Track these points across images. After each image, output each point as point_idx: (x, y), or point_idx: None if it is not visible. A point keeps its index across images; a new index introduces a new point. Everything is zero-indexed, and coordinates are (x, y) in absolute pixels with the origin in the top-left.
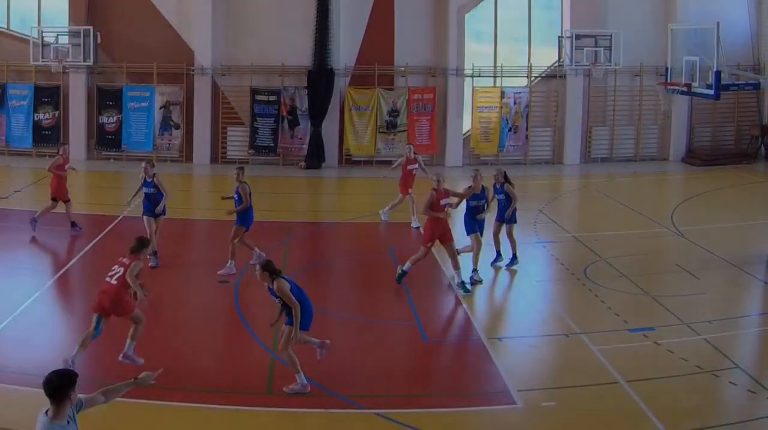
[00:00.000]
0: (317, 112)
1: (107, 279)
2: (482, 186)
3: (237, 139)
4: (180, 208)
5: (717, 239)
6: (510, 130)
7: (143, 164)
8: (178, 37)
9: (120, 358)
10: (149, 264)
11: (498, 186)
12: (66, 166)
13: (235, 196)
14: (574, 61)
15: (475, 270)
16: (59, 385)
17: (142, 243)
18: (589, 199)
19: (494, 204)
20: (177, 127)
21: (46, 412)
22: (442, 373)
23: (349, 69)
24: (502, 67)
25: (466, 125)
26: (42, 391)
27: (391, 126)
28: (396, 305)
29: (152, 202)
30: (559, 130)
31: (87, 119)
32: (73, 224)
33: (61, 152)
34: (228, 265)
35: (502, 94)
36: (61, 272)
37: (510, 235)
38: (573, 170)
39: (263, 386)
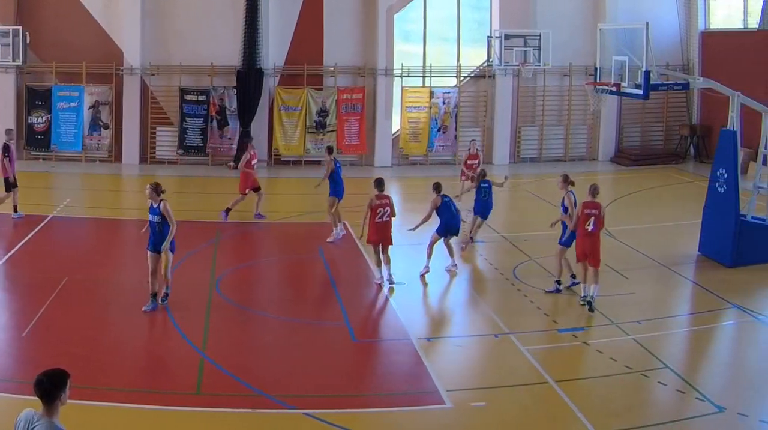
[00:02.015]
0: (246, 112)
1: (378, 220)
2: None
3: (166, 139)
4: (109, 208)
5: (646, 239)
6: (439, 130)
7: (147, 187)
8: (107, 37)
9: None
10: (143, 308)
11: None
12: (253, 161)
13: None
14: (503, 61)
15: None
16: (50, 387)
17: (380, 181)
18: (518, 200)
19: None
20: (106, 127)
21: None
22: (371, 373)
23: (278, 69)
24: (431, 67)
25: (395, 125)
26: None
27: (320, 126)
28: (325, 305)
29: (156, 233)
30: (488, 130)
31: (16, 119)
32: (260, 215)
33: (248, 149)
34: (334, 232)
35: (431, 95)
36: None
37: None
38: (502, 170)
39: (192, 386)
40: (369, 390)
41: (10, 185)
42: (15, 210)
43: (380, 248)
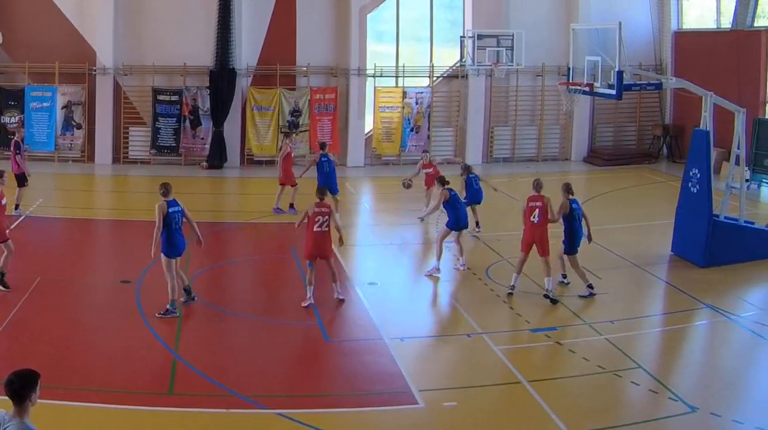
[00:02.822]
0: (219, 113)
1: (317, 229)
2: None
3: (139, 139)
4: (82, 208)
5: (619, 239)
6: (412, 130)
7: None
8: (79, 37)
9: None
10: (181, 299)
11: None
12: (292, 155)
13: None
14: (476, 61)
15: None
16: (20, 387)
17: (322, 189)
18: (491, 199)
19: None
20: (79, 127)
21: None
22: (343, 373)
23: (251, 69)
24: (404, 67)
25: (368, 125)
26: None
27: (293, 126)
28: (298, 305)
29: None
30: (461, 130)
31: None
32: (279, 209)
33: (288, 142)
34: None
35: (404, 95)
36: None
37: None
38: (475, 170)
39: (165, 386)
40: (342, 390)
41: (22, 181)
42: (16, 208)
43: (324, 264)
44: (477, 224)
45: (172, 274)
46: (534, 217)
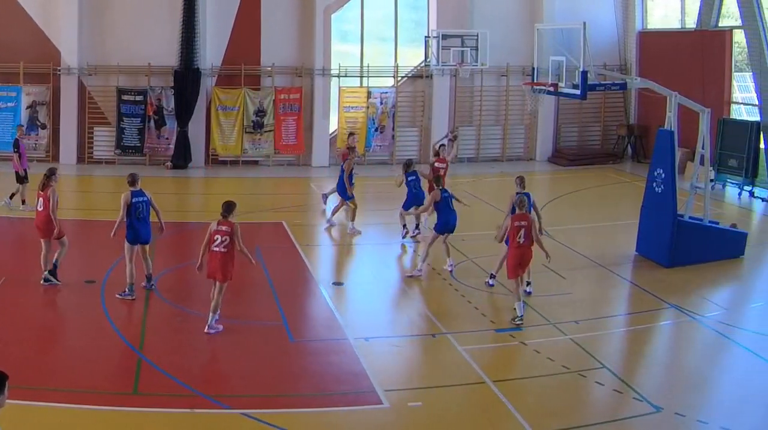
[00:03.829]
0: (184, 113)
1: (214, 248)
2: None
3: (103, 139)
4: None
5: (583, 239)
6: (376, 130)
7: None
8: (44, 37)
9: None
10: (142, 284)
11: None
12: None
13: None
14: (441, 61)
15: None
16: None
17: (227, 206)
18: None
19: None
20: (43, 127)
21: None
22: (308, 373)
23: (215, 69)
24: (368, 67)
25: (333, 125)
26: None
27: (258, 126)
28: (262, 305)
29: None
30: (425, 130)
31: None
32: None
33: (350, 142)
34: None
35: (369, 94)
36: None
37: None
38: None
39: (129, 386)
40: (307, 390)
41: (21, 179)
42: (23, 202)
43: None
44: (417, 226)
45: (131, 260)
46: (520, 237)
